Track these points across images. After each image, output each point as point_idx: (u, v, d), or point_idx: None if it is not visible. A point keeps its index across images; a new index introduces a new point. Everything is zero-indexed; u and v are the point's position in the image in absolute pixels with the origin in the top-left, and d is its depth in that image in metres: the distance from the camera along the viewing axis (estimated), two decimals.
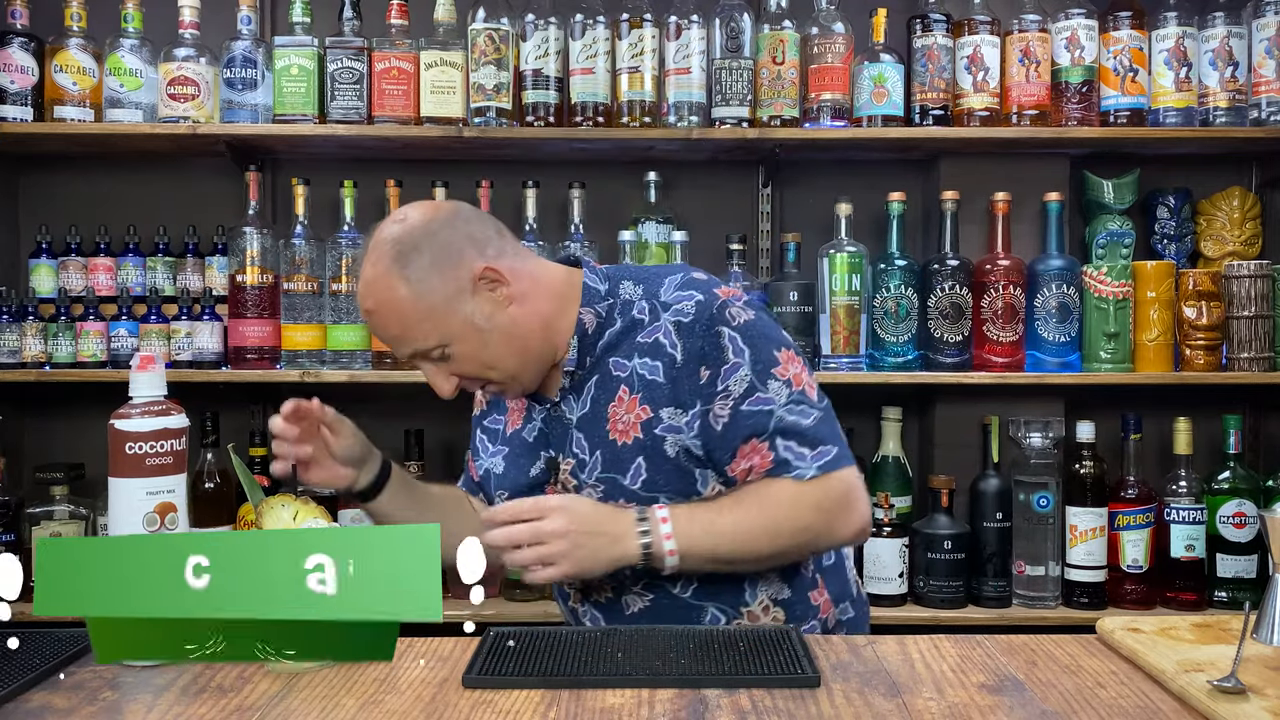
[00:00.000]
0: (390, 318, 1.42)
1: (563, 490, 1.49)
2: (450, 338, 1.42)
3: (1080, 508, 2.36)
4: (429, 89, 2.36)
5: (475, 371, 1.45)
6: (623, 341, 1.46)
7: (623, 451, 1.43)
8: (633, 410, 1.44)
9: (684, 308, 1.45)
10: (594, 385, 1.47)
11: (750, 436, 1.41)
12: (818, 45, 2.39)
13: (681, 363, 1.42)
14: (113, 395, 1.29)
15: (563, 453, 1.49)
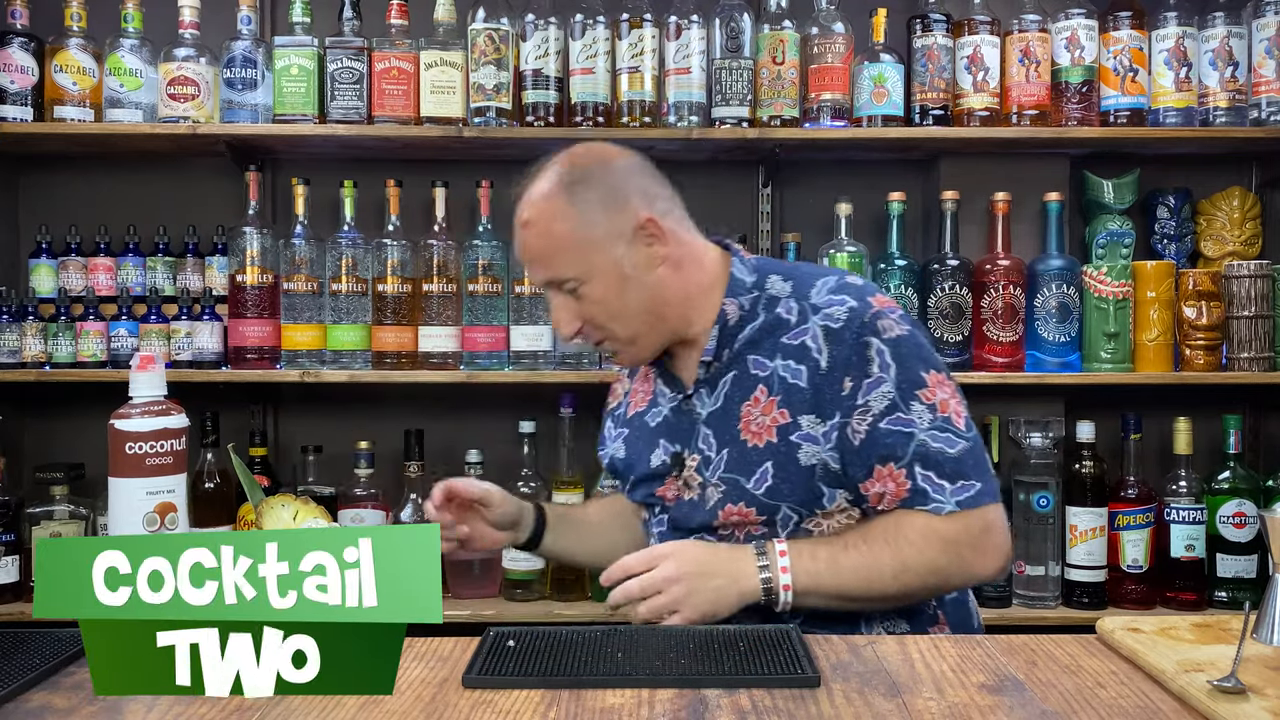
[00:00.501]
0: (541, 236, 1.42)
1: (685, 486, 1.47)
2: (590, 275, 1.40)
3: (1080, 508, 2.36)
4: (429, 89, 2.36)
5: (602, 320, 1.43)
6: (765, 339, 1.43)
7: (751, 454, 1.39)
8: (769, 413, 1.39)
9: (835, 313, 1.40)
10: (729, 381, 1.44)
11: (887, 459, 1.35)
12: (818, 45, 2.39)
13: (826, 370, 1.38)
14: (113, 395, 1.29)
15: (688, 447, 1.46)
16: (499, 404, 2.58)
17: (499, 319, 2.40)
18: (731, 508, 1.41)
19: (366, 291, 2.39)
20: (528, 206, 1.44)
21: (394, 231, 2.41)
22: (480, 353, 2.38)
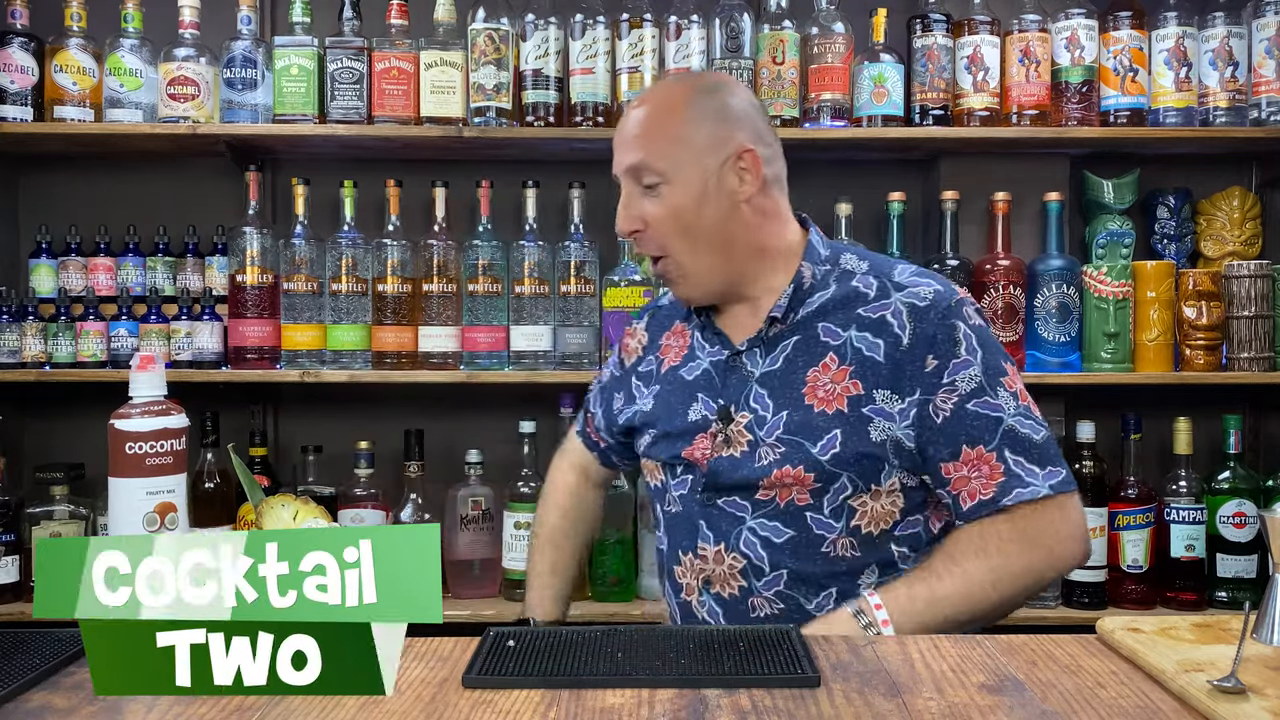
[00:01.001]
0: (646, 120, 1.43)
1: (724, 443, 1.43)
2: (675, 177, 1.40)
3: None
4: (429, 89, 2.36)
5: (667, 231, 1.42)
6: (839, 310, 1.43)
7: (818, 419, 1.38)
8: (840, 381, 1.39)
9: (921, 292, 1.41)
10: (792, 345, 1.44)
11: (976, 441, 1.35)
12: (818, 45, 2.39)
13: (908, 346, 1.38)
14: (113, 395, 1.29)
15: (736, 404, 1.44)
16: (499, 404, 2.58)
17: (499, 319, 2.40)
18: (789, 469, 1.39)
19: (366, 291, 2.39)
20: (647, 92, 1.51)
21: (394, 231, 2.41)
22: (480, 353, 2.38)
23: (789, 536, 1.42)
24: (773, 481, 1.41)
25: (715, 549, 1.45)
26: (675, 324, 1.59)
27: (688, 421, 1.48)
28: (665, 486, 1.53)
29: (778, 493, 1.42)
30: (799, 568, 1.42)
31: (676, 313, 1.60)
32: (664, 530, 1.56)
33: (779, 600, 1.43)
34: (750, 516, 1.44)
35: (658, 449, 1.54)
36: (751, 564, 1.43)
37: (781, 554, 1.42)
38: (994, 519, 1.35)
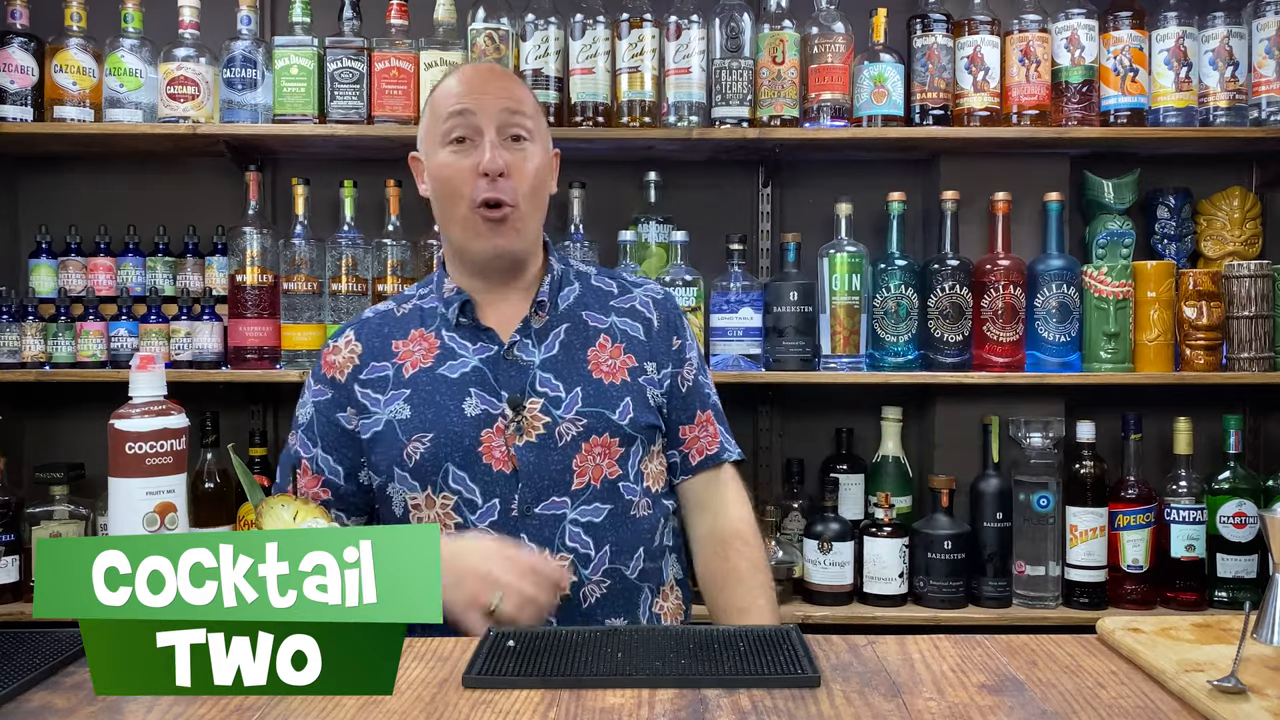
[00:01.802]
0: (511, 80, 1.56)
1: (516, 432, 1.46)
2: (537, 140, 1.51)
3: (1080, 508, 2.36)
4: (429, 89, 2.35)
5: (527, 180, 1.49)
6: (594, 302, 1.59)
7: (610, 390, 1.51)
8: (617, 357, 1.54)
9: (653, 288, 1.65)
10: (564, 332, 1.54)
11: (705, 408, 1.61)
12: (818, 45, 2.39)
13: (658, 329, 1.59)
14: (113, 395, 1.29)
15: (522, 393, 1.48)
16: None
17: None
18: (596, 439, 1.48)
19: (366, 291, 2.39)
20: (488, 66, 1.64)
21: (394, 231, 2.41)
22: None
23: (608, 511, 1.48)
24: (584, 458, 1.47)
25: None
26: (411, 330, 1.55)
27: (466, 418, 1.46)
28: (465, 525, 1.45)
29: (591, 472, 1.48)
30: (618, 539, 1.49)
31: (408, 321, 1.57)
32: None
33: (605, 579, 1.47)
34: (570, 509, 1.47)
35: (433, 459, 1.46)
36: (579, 554, 1.46)
37: (603, 532, 1.48)
38: (715, 470, 1.60)
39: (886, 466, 2.50)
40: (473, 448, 1.46)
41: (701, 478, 1.61)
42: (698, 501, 1.61)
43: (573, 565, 1.45)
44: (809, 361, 2.41)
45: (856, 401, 2.58)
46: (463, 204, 1.47)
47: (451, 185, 1.48)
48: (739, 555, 1.55)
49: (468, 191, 1.46)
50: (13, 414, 2.55)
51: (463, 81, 1.51)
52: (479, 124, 1.47)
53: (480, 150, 1.46)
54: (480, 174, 1.45)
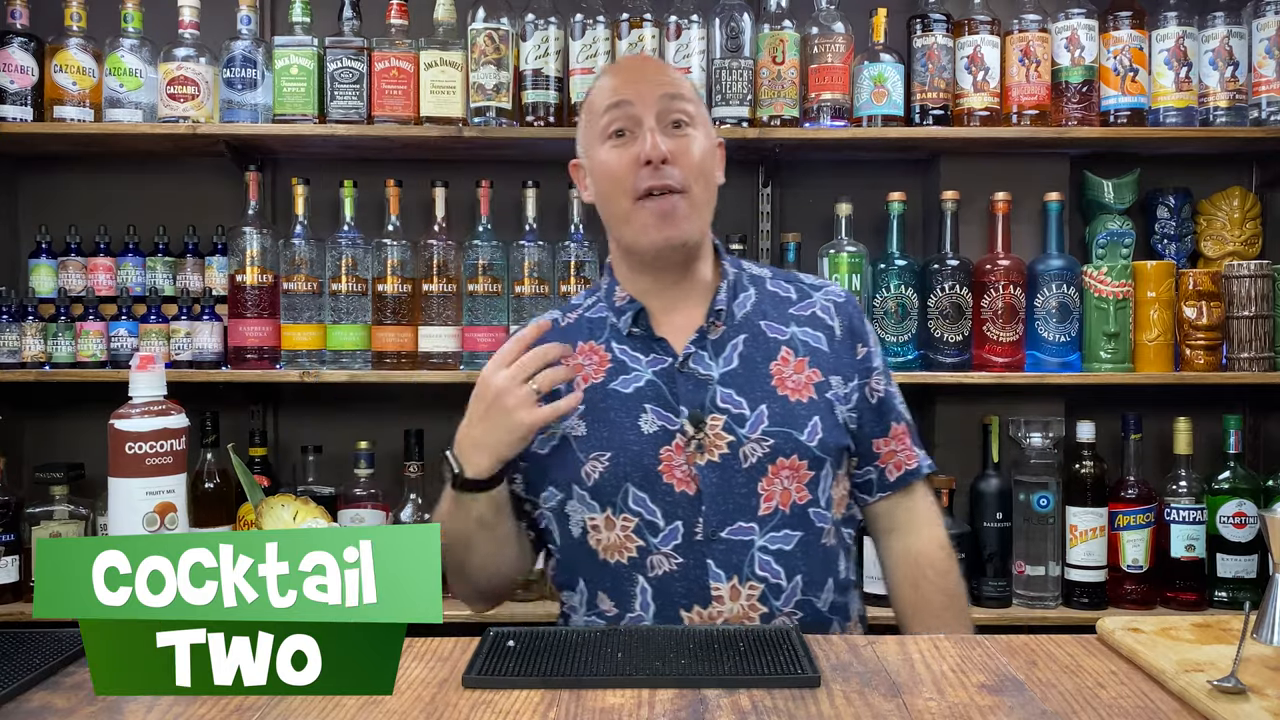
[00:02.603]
0: (668, 68, 1.53)
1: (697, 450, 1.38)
2: (699, 125, 1.45)
3: (1080, 508, 2.36)
4: (429, 89, 2.36)
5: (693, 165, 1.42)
6: (772, 310, 1.50)
7: (798, 408, 1.42)
8: (802, 371, 1.45)
9: (833, 291, 1.55)
10: (743, 343, 1.45)
11: (900, 420, 1.52)
12: (818, 45, 2.39)
13: (841, 337, 1.49)
14: (113, 395, 1.29)
15: (702, 408, 1.40)
16: None
17: (499, 319, 2.40)
18: (783, 461, 1.39)
19: (366, 291, 2.39)
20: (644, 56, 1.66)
21: (394, 231, 2.41)
22: (480, 353, 2.38)
23: (799, 539, 1.40)
24: (770, 481, 1.39)
25: (730, 584, 1.37)
26: (580, 343, 1.49)
27: (643, 436, 1.40)
28: (649, 549, 1.39)
29: (779, 497, 1.40)
30: (809, 569, 1.40)
31: (575, 332, 1.51)
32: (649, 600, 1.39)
33: (797, 610, 1.39)
34: (759, 535, 1.38)
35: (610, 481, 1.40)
36: (769, 584, 1.38)
37: (795, 561, 1.39)
38: (910, 488, 1.52)
39: None
40: (652, 467, 1.39)
41: (896, 497, 1.51)
42: (891, 522, 1.53)
43: (763, 596, 1.37)
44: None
45: None
46: (626, 198, 1.41)
47: (614, 179, 1.41)
48: (931, 586, 1.48)
49: (630, 183, 1.40)
50: (13, 414, 2.55)
51: (617, 74, 1.48)
52: (637, 114, 1.41)
53: (640, 140, 1.40)
54: (643, 163, 1.39)
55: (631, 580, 1.39)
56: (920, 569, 1.50)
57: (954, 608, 1.49)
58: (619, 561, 1.40)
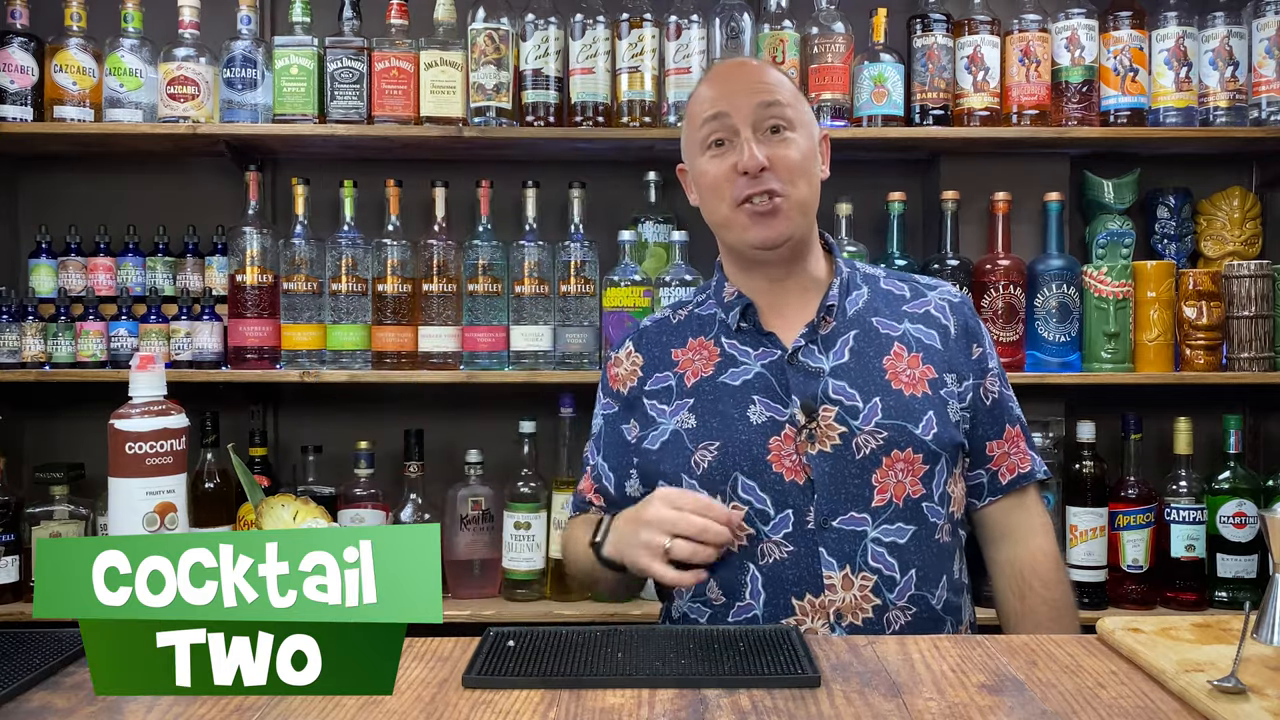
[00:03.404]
0: (767, 72, 1.51)
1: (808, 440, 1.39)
2: (800, 127, 1.47)
3: (1080, 508, 2.36)
4: (429, 89, 2.36)
5: (792, 170, 1.45)
6: (885, 307, 1.52)
7: (912, 402, 1.43)
8: (916, 367, 1.46)
9: (949, 290, 1.57)
10: (854, 339, 1.47)
11: (1014, 422, 1.52)
12: (818, 45, 2.39)
13: (955, 336, 1.50)
14: (113, 395, 1.29)
15: (814, 399, 1.42)
16: (499, 404, 2.58)
17: (499, 319, 2.40)
18: (898, 454, 1.40)
19: (366, 291, 2.39)
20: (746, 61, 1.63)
21: (394, 231, 2.41)
22: (480, 353, 2.38)
23: (912, 532, 1.40)
24: (884, 473, 1.40)
25: (842, 574, 1.37)
26: (689, 339, 1.54)
27: (752, 426, 1.42)
28: (759, 537, 1.40)
29: (893, 490, 1.40)
30: (923, 564, 1.40)
31: (685, 328, 1.56)
32: (759, 589, 1.40)
33: (911, 605, 1.38)
34: (871, 526, 1.39)
35: (722, 469, 1.42)
36: (883, 576, 1.37)
37: (908, 555, 1.39)
38: (1022, 492, 1.51)
39: None
40: (761, 456, 1.41)
41: (1008, 501, 1.51)
42: (1001, 528, 1.52)
43: (876, 588, 1.37)
44: None
45: None
46: (726, 205, 1.47)
47: (715, 188, 1.47)
48: (1038, 599, 1.47)
49: (729, 192, 1.45)
50: (13, 414, 2.55)
51: (714, 84, 1.50)
52: (734, 124, 1.45)
53: (739, 149, 1.44)
54: (740, 172, 1.44)
55: (743, 569, 1.40)
56: (1027, 581, 1.49)
57: (1061, 621, 1.46)
58: (729, 551, 1.40)
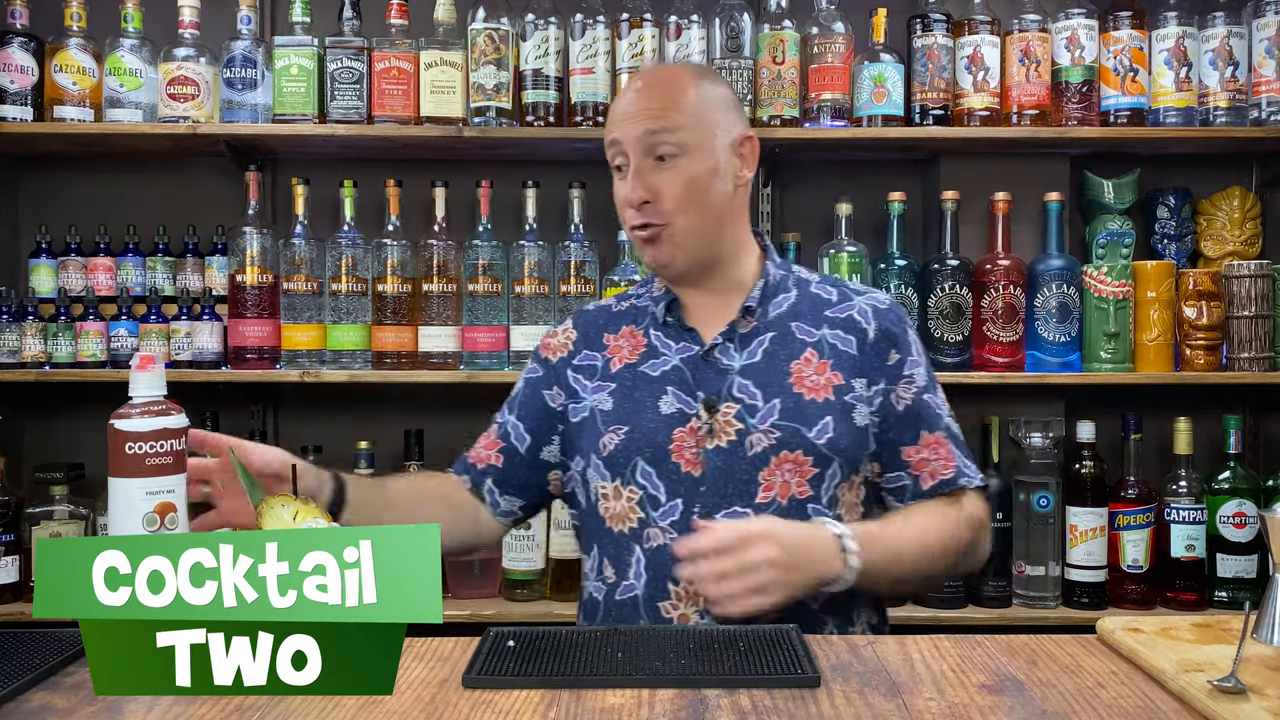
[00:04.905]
0: (667, 93, 1.48)
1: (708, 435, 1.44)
2: (692, 150, 1.46)
3: (1080, 508, 2.36)
4: (429, 89, 2.36)
5: (675, 201, 1.46)
6: (809, 311, 1.53)
7: (810, 406, 1.45)
8: (823, 373, 1.47)
9: (879, 297, 1.57)
10: (769, 340, 1.50)
11: (933, 429, 1.50)
12: (818, 45, 2.39)
13: (873, 341, 1.51)
14: (113, 395, 1.29)
15: (718, 396, 1.46)
16: (499, 404, 2.56)
17: (499, 319, 2.40)
18: (787, 454, 1.43)
19: (366, 291, 2.39)
20: (654, 71, 1.62)
21: (394, 231, 2.41)
22: (480, 353, 2.38)
23: None
24: (771, 471, 1.43)
25: None
26: (622, 327, 1.58)
27: (661, 415, 1.47)
28: (648, 521, 1.45)
29: (778, 489, 1.43)
30: None
31: (622, 317, 1.60)
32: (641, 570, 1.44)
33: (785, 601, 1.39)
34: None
35: (625, 452, 1.47)
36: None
37: None
38: (948, 497, 1.49)
39: None
40: (664, 445, 1.46)
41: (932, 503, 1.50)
42: None
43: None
44: None
45: None
46: (626, 226, 1.52)
47: (619, 209, 1.52)
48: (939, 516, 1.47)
49: (625, 218, 1.51)
50: (13, 414, 2.55)
51: (618, 104, 1.52)
52: (626, 151, 1.48)
53: (627, 180, 1.48)
54: (626, 204, 1.49)
55: (630, 550, 1.46)
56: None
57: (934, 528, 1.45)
58: (621, 531, 1.47)
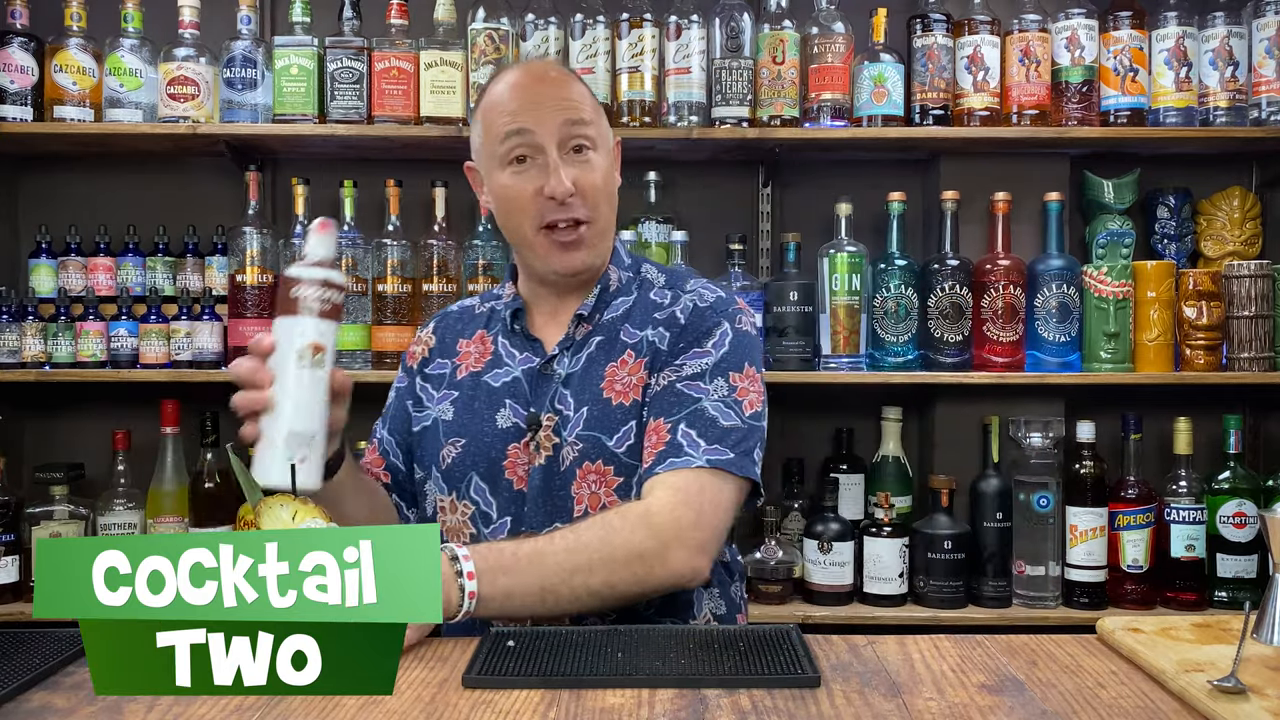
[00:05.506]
0: (570, 84, 1.43)
1: (535, 451, 1.38)
2: (599, 144, 1.42)
3: (1080, 508, 2.36)
4: (429, 89, 2.36)
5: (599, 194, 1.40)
6: (639, 314, 1.45)
7: (615, 412, 1.38)
8: (635, 373, 1.40)
9: (706, 295, 1.46)
10: (594, 345, 1.43)
11: (660, 415, 1.36)
12: (818, 45, 2.39)
13: (681, 332, 1.42)
14: (113, 395, 1.29)
15: (543, 409, 1.41)
16: None
17: None
18: (589, 465, 1.37)
19: (366, 291, 2.39)
20: (542, 62, 1.54)
21: (394, 231, 2.41)
22: None
23: None
24: (580, 484, 1.37)
25: None
26: (476, 331, 1.52)
27: (497, 429, 1.42)
28: (479, 537, 1.41)
29: (588, 501, 1.37)
30: None
31: (478, 321, 1.54)
32: None
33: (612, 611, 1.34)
34: None
35: (461, 466, 1.42)
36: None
37: None
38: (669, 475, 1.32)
39: (886, 466, 2.50)
40: (498, 460, 1.41)
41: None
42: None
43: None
44: (809, 361, 2.41)
45: (857, 401, 2.58)
46: (529, 227, 1.40)
47: (517, 207, 1.40)
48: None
49: (534, 212, 1.39)
50: (13, 414, 2.55)
51: (515, 94, 1.40)
52: (539, 142, 1.38)
53: (543, 171, 1.38)
54: (547, 197, 1.37)
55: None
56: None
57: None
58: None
